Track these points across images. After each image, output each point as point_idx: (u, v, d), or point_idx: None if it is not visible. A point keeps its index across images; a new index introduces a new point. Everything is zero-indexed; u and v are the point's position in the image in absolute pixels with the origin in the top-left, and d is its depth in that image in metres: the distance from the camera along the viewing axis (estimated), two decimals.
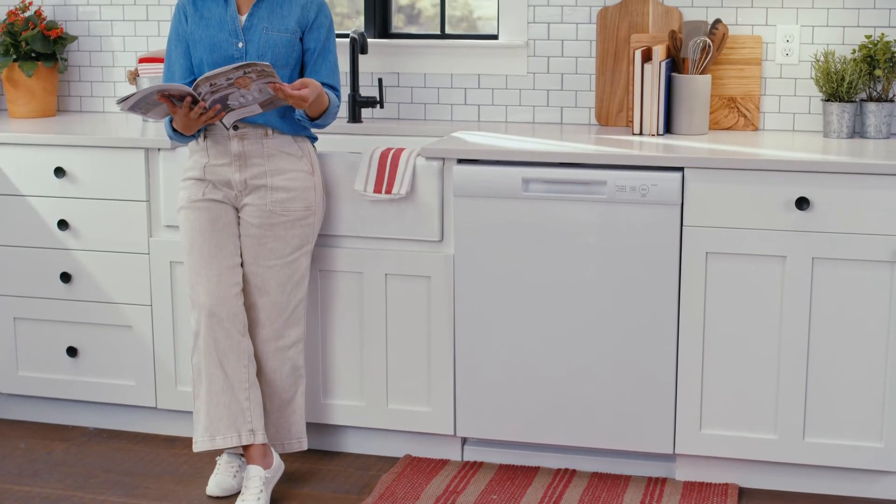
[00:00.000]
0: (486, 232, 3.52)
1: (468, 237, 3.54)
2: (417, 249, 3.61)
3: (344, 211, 3.63)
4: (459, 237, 3.55)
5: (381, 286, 3.64)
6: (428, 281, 3.60)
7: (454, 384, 3.64)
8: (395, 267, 3.61)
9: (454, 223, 3.55)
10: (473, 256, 3.54)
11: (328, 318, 3.71)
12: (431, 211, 3.56)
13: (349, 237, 3.66)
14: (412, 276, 3.61)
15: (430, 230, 3.58)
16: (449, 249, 3.59)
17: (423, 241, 3.60)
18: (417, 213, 3.57)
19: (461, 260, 3.56)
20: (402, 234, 3.60)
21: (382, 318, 3.66)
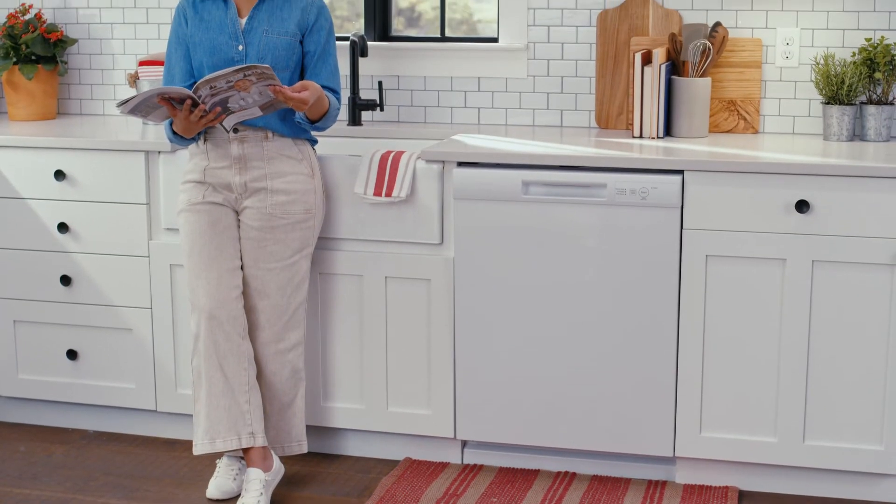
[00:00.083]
0: (486, 235, 3.52)
1: (468, 240, 3.54)
2: (417, 252, 3.61)
3: (344, 214, 3.63)
4: (459, 240, 3.55)
5: (381, 289, 3.64)
6: (428, 284, 3.60)
7: (454, 387, 3.63)
8: (395, 270, 3.61)
9: (454, 226, 3.55)
10: (473, 259, 3.54)
11: (328, 320, 3.71)
12: (431, 214, 3.56)
13: (349, 240, 3.66)
14: (412, 278, 3.61)
15: (430, 233, 3.58)
16: (449, 252, 3.59)
17: (423, 244, 3.60)
18: (417, 216, 3.57)
19: (461, 263, 3.55)
20: (402, 237, 3.60)
21: (382, 321, 3.66)
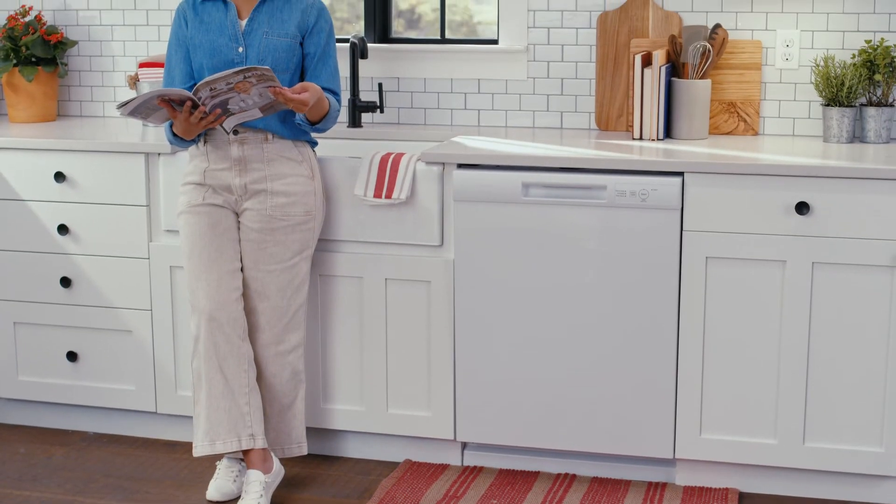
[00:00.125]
0: (486, 237, 3.52)
1: (468, 242, 3.54)
2: (417, 254, 3.61)
3: (344, 216, 3.63)
4: (459, 242, 3.55)
5: (381, 291, 3.64)
6: (428, 286, 3.60)
7: (454, 389, 3.63)
8: (395, 272, 3.61)
9: (454, 228, 3.55)
10: (473, 261, 3.54)
11: (328, 322, 3.71)
12: (431, 216, 3.56)
13: (349, 242, 3.66)
14: (412, 280, 3.61)
15: (430, 235, 3.58)
16: (449, 254, 3.59)
17: (423, 245, 3.60)
18: (417, 217, 3.57)
19: (461, 264, 3.56)
20: (402, 238, 3.60)
21: (382, 322, 3.66)
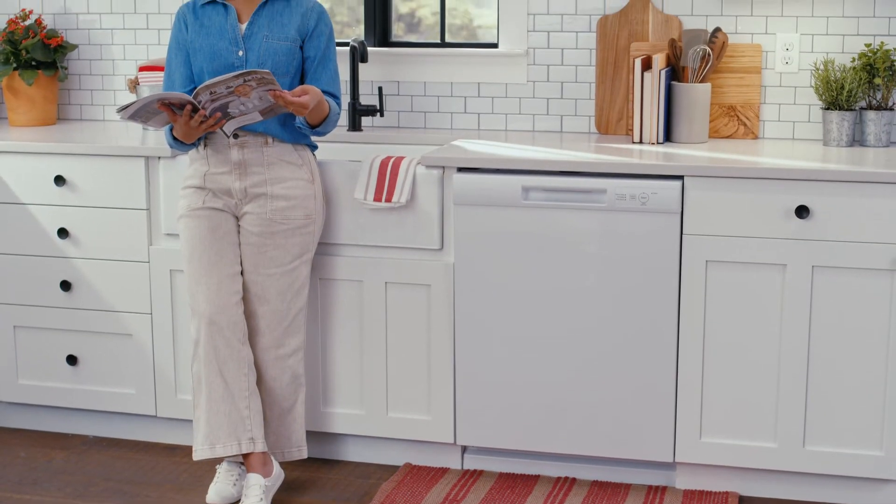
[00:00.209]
0: (486, 240, 3.52)
1: (468, 245, 3.54)
2: (417, 258, 3.61)
3: (344, 219, 3.63)
4: (459, 245, 3.55)
5: (381, 294, 3.64)
6: (428, 289, 3.60)
7: (454, 392, 3.63)
8: (395, 275, 3.61)
9: (454, 231, 3.55)
10: (473, 265, 3.54)
11: (328, 326, 3.71)
12: (431, 219, 3.56)
13: (349, 245, 3.66)
14: (412, 284, 3.61)
15: (430, 238, 3.58)
16: (449, 258, 3.59)
17: (423, 249, 3.60)
18: (417, 221, 3.57)
19: (461, 268, 3.56)
20: (402, 242, 3.60)
21: (382, 326, 3.66)
